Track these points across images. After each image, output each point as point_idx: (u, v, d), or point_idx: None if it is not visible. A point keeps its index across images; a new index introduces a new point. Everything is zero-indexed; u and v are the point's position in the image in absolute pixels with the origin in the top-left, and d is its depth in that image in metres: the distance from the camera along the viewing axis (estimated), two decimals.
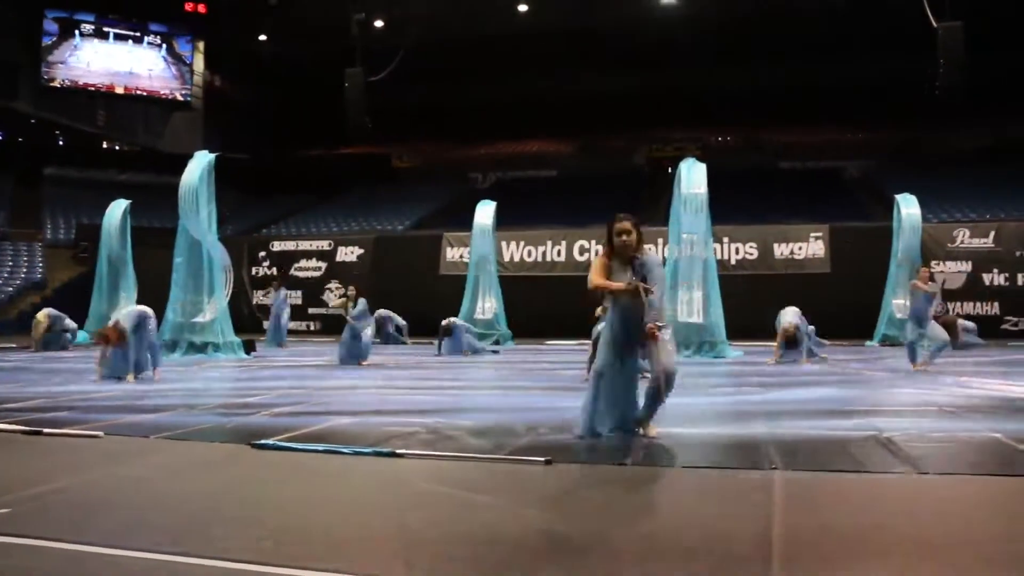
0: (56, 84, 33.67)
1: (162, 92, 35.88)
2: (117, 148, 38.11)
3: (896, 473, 4.97)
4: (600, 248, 6.74)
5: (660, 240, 23.52)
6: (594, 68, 34.17)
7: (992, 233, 22.12)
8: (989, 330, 20.57)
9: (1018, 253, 21.72)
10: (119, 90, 34.96)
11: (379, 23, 29.73)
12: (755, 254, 22.82)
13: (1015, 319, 21.14)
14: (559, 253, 24.43)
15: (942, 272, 21.72)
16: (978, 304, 21.71)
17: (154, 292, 18.49)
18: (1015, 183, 25.79)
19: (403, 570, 3.13)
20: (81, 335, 18.56)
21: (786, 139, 35.30)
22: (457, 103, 36.53)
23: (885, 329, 19.11)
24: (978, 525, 3.91)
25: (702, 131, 36.38)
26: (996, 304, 21.55)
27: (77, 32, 34.03)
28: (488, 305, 21.06)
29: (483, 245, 21.48)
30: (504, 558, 3.32)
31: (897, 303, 18.97)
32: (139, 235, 21.20)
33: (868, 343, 18.92)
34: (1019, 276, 21.53)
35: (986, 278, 21.77)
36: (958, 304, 21.50)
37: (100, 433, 6.20)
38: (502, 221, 22.33)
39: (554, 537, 3.62)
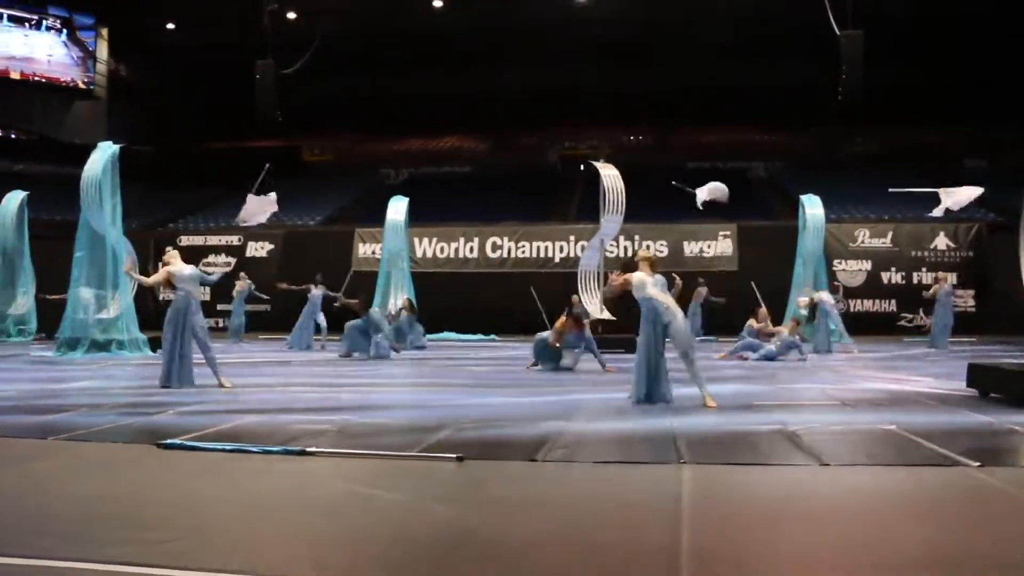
0: None
1: (62, 79, 34.59)
2: (13, 137, 36.63)
3: (800, 465, 5.13)
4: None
5: (572, 237, 23.76)
6: (508, 65, 34.25)
7: (890, 233, 23.00)
8: (886, 326, 21.40)
9: (914, 253, 22.63)
10: (15, 75, 33.57)
11: (291, 14, 29.26)
12: (666, 251, 23.19)
13: (910, 316, 21.99)
14: (472, 250, 24.43)
15: (844, 270, 22.46)
16: (876, 301, 22.56)
17: (53, 287, 17.86)
18: (907, 186, 26.82)
19: (312, 570, 3.09)
20: None
21: (696, 139, 35.96)
22: (370, 97, 36.18)
23: None
24: (876, 512, 4.05)
25: (615, 130, 36.80)
26: (893, 301, 22.44)
27: None
28: (400, 301, 20.94)
29: (395, 241, 21.33)
30: (414, 556, 3.31)
31: (802, 300, 19.51)
32: (37, 228, 20.46)
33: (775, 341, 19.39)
34: (915, 275, 22.43)
35: (884, 276, 22.64)
36: (858, 301, 22.26)
37: None
38: (415, 217, 22.21)
39: (463, 533, 3.61)
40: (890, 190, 21.95)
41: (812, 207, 19.88)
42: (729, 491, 4.50)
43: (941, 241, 22.65)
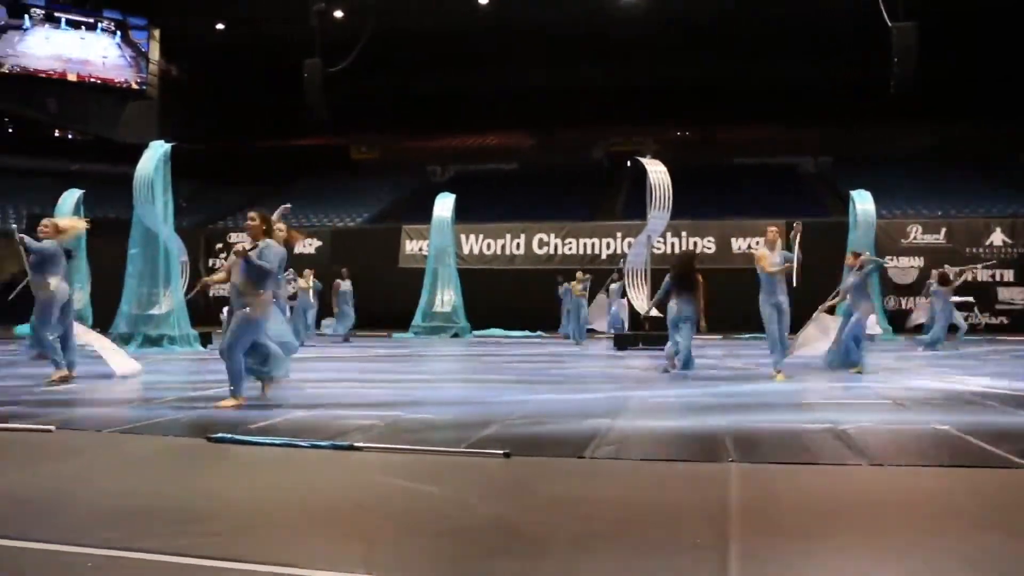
0: (5, 71, 32.95)
1: (116, 80, 35.26)
2: (70, 137, 37.40)
3: (851, 465, 5.05)
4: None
5: (619, 234, 23.67)
6: (555, 62, 34.22)
7: (943, 230, 22.55)
8: None
9: (969, 249, 22.14)
10: (71, 77, 34.29)
11: (339, 13, 29.48)
12: (713, 248, 23.01)
13: (965, 313, 21.55)
14: (518, 246, 24.45)
15: (896, 267, 22.08)
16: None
17: (108, 284, 18.19)
18: (962, 182, 26.30)
19: (361, 565, 3.10)
20: (24, 327, 18.20)
21: (744, 135, 35.62)
22: (417, 95, 36.38)
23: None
24: (931, 516, 3.97)
25: (662, 126, 36.58)
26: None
27: (27, 17, 33.31)
28: (447, 298, 21.06)
29: (442, 238, 21.45)
30: (461, 551, 3.32)
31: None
32: (92, 226, 20.80)
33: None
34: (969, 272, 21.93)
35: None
36: (910, 299, 21.86)
37: (52, 427, 6.08)
38: (461, 214, 22.28)
39: (511, 530, 3.61)
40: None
41: (863, 202, 19.59)
42: (778, 491, 4.44)
43: (997, 237, 22.15)
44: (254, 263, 7.26)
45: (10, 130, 36.10)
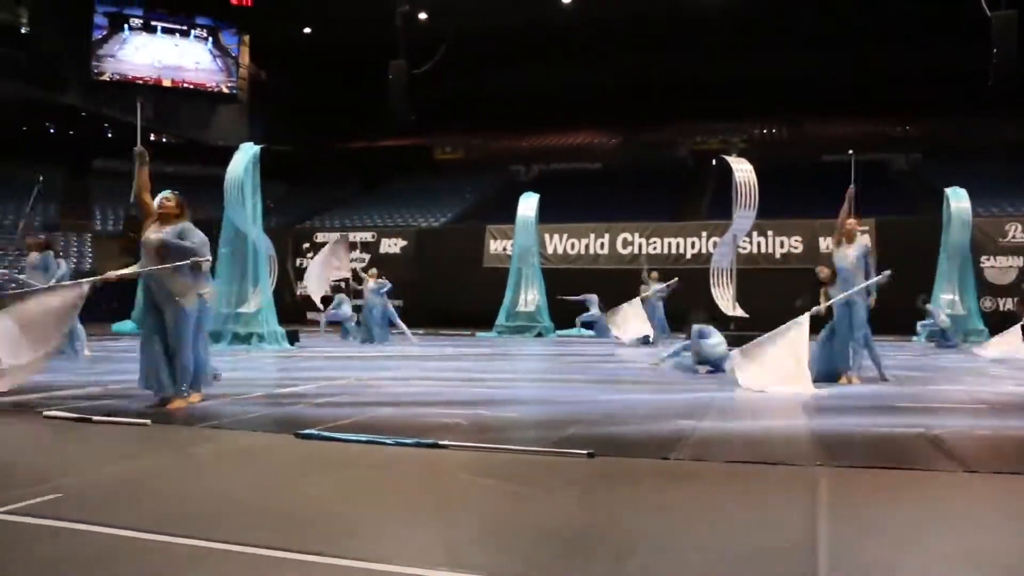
0: (105, 78, 34.21)
1: (208, 85, 36.29)
2: (164, 140, 38.60)
3: (944, 471, 4.89)
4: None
5: (704, 233, 23.39)
6: (639, 59, 33.94)
7: None
8: None
9: None
10: (166, 83, 35.43)
11: (423, 15, 29.77)
12: (800, 248, 22.54)
13: None
14: (602, 246, 24.33)
15: (993, 267, 21.32)
16: None
17: None
18: None
19: (446, 564, 3.13)
20: (129, 324, 18.80)
21: (831, 131, 34.79)
22: (500, 94, 36.47)
23: (932, 325, 18.79)
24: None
25: (747, 123, 36.01)
26: None
27: (126, 26, 34.54)
28: (531, 297, 21.08)
29: (526, 237, 21.48)
30: (547, 551, 3.32)
31: (945, 299, 18.65)
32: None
33: (914, 339, 18.63)
34: None
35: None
36: (1007, 300, 21.07)
37: (147, 421, 6.29)
38: (545, 213, 22.28)
39: (595, 530, 3.60)
40: None
41: (957, 200, 18.96)
42: (867, 495, 4.33)
43: None
44: (173, 244, 7.02)
45: (109, 135, 37.43)
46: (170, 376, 7.08)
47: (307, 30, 35.32)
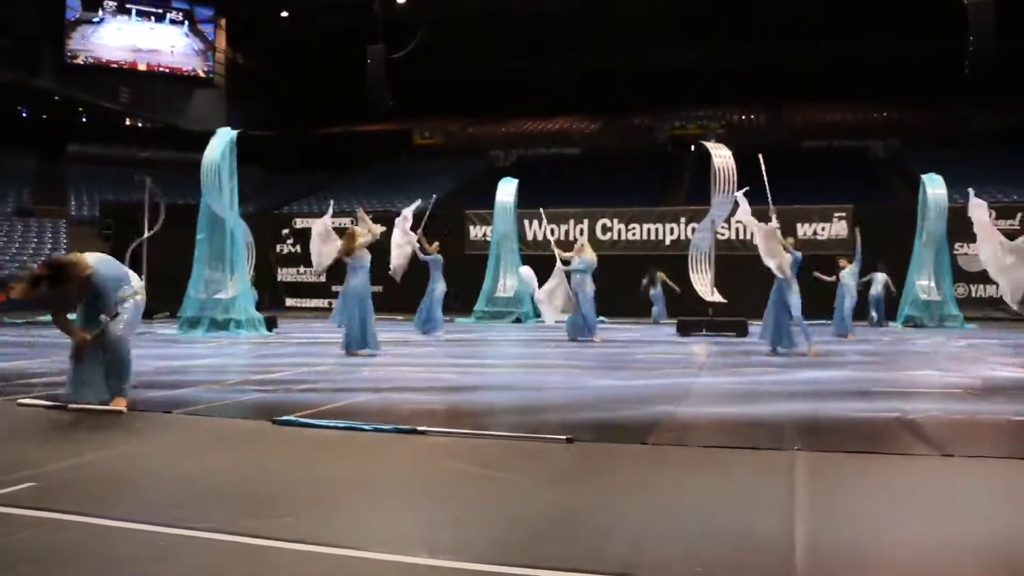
0: (79, 61, 33.85)
1: (184, 69, 35.98)
2: (140, 125, 38.26)
3: (920, 455, 4.94)
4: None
5: (683, 219, 23.43)
6: (618, 45, 33.94)
7: (1019, 215, 21.82)
8: (1011, 313, 20.34)
9: None
10: (141, 67, 35.11)
11: (401, 0, 29.62)
12: (779, 233, 22.59)
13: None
14: (582, 232, 24.30)
15: (967, 254, 21.49)
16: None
17: (176, 269, 18.54)
18: None
19: (424, 549, 3.13)
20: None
21: (810, 117, 34.96)
22: (479, 80, 36.39)
23: (909, 310, 18.96)
24: (1005, 509, 3.87)
25: (726, 109, 36.09)
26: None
27: (100, 9, 34.15)
28: (510, 283, 21.06)
29: (505, 223, 21.44)
30: (525, 536, 3.32)
31: (921, 284, 18.81)
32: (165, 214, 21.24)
33: (892, 324, 18.78)
34: None
35: (1010, 260, 21.46)
36: (981, 286, 21.28)
37: (123, 408, 6.24)
38: (524, 199, 22.23)
39: (573, 515, 3.61)
40: None
41: (934, 187, 19.08)
42: (844, 480, 4.37)
43: None
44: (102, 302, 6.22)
45: (84, 119, 37.06)
46: (106, 376, 6.39)
47: (284, 14, 35.04)
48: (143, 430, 5.68)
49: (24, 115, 36.14)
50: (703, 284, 17.55)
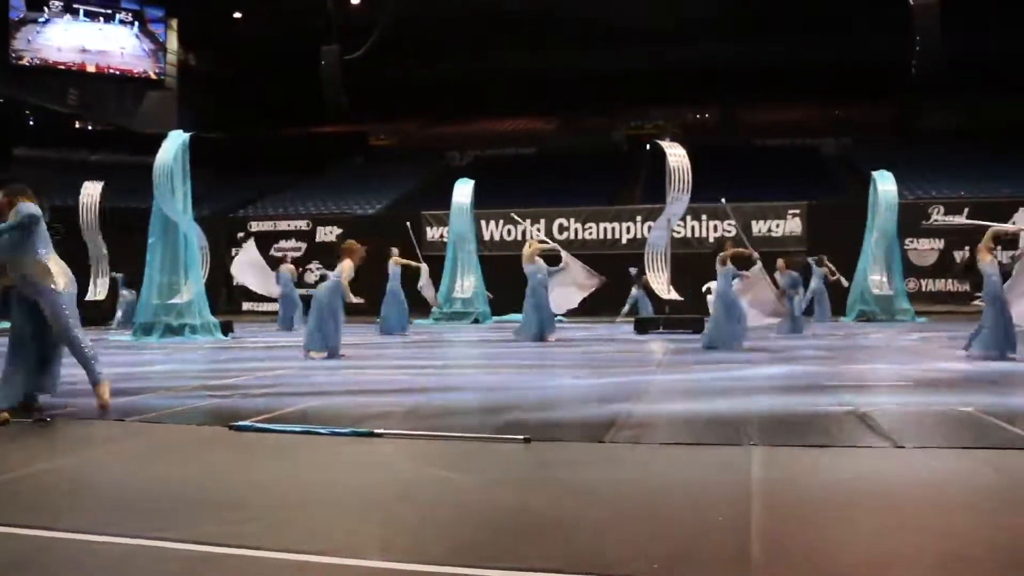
0: (25, 62, 33.17)
1: (135, 71, 35.43)
2: (90, 128, 37.60)
3: (873, 447, 5.02)
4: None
5: (639, 218, 23.59)
6: (573, 46, 34.05)
7: (966, 211, 22.26)
8: (959, 305, 20.81)
9: None
10: (90, 68, 34.50)
11: (355, 0, 29.44)
12: (733, 231, 22.83)
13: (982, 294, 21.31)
14: (538, 232, 24.36)
15: (916, 249, 21.91)
16: (949, 281, 21.92)
17: (129, 274, 18.28)
18: (988, 162, 25.99)
19: (380, 552, 3.12)
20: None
21: (763, 117, 35.38)
22: (435, 81, 36.31)
23: (860, 305, 19.27)
24: (955, 498, 3.95)
25: (681, 109, 36.38)
26: (967, 282, 21.76)
27: (45, 8, 33.49)
28: (467, 283, 21.05)
29: (461, 223, 21.43)
30: (481, 537, 3.32)
31: (873, 279, 19.13)
32: (113, 216, 20.95)
33: (843, 319, 19.07)
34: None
35: (957, 256, 21.97)
36: (929, 280, 21.71)
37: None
38: (481, 200, 22.23)
39: (531, 515, 3.62)
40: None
41: (884, 184, 19.44)
42: (799, 474, 4.43)
43: (1021, 217, 21.87)
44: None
45: (31, 122, 36.34)
46: (48, 375, 6.41)
47: (237, 15, 34.66)
48: (96, 438, 5.60)
49: None
50: (659, 282, 17.70)
